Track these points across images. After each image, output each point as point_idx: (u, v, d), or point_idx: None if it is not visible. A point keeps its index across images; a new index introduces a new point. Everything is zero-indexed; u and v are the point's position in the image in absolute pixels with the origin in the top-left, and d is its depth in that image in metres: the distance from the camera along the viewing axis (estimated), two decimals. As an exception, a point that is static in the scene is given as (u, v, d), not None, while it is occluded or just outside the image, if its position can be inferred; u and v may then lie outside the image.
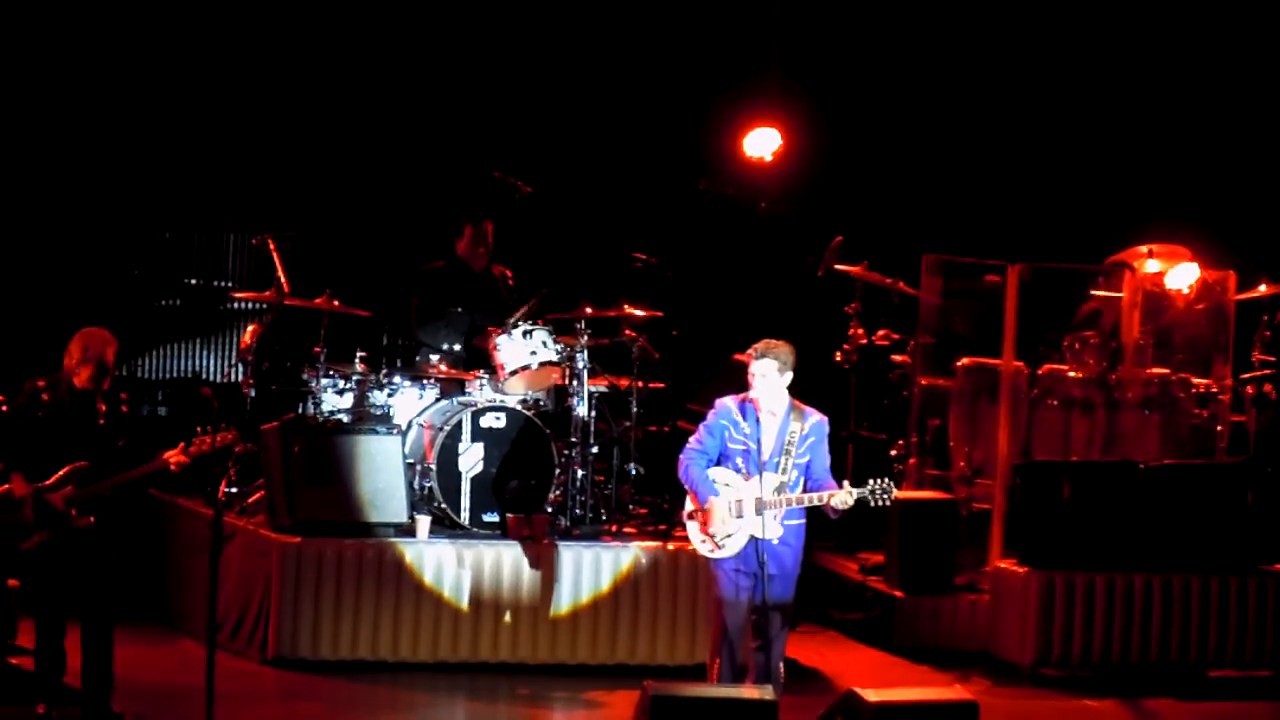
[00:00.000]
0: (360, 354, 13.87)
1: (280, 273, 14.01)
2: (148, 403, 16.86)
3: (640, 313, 13.95)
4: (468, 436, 13.41)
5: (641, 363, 13.93)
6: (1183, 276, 14.99)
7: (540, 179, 14.66)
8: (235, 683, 12.01)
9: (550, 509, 13.44)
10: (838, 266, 15.30)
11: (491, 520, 13.37)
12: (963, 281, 14.88)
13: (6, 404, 11.13)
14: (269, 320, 14.18)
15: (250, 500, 13.68)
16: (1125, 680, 13.47)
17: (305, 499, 13.11)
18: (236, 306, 16.97)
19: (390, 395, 13.77)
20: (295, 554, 12.87)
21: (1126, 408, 14.76)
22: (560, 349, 13.59)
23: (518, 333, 13.54)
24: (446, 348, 14.06)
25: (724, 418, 11.14)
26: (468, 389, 13.77)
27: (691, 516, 11.17)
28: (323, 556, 12.89)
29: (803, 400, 11.22)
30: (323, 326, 13.77)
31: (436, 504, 13.36)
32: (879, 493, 11.00)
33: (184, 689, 11.65)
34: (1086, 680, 13.51)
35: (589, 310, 13.70)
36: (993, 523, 14.39)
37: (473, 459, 13.41)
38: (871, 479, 11.04)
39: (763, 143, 16.10)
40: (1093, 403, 14.77)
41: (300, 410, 13.81)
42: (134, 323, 16.54)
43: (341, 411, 13.67)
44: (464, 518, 13.35)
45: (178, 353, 17.08)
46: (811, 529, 11.28)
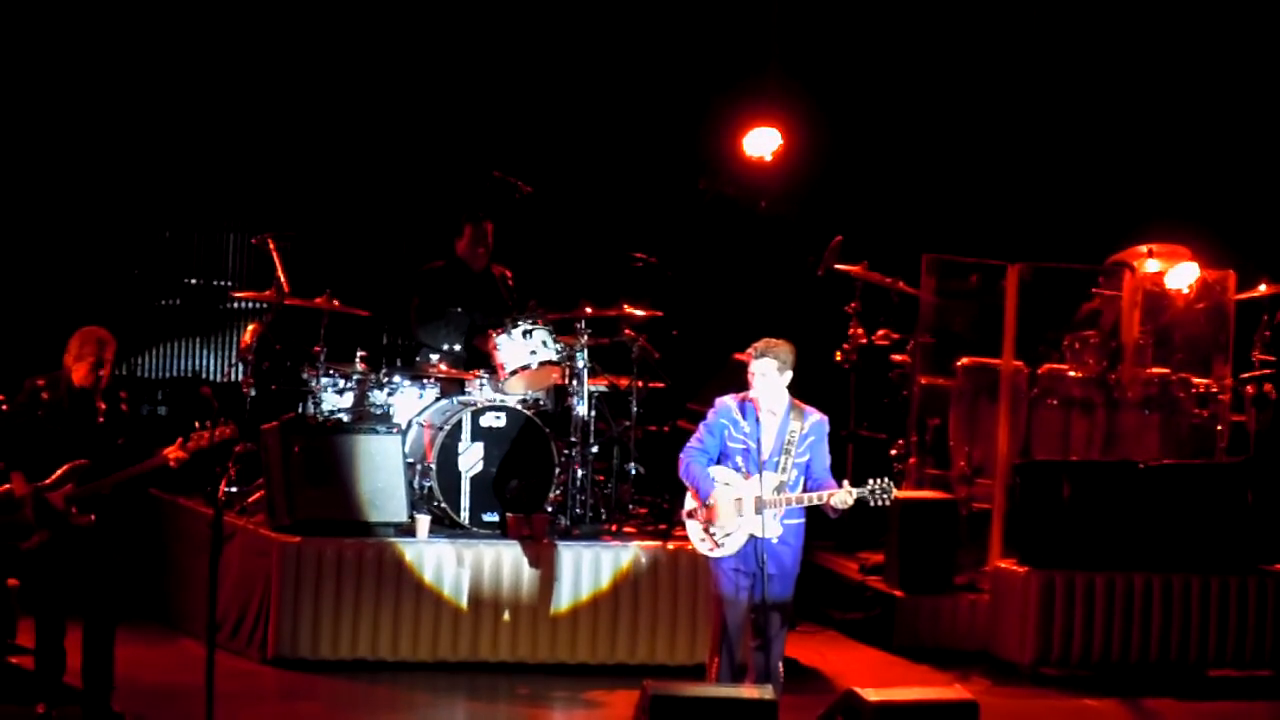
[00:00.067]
0: (360, 353, 13.86)
1: (280, 272, 14.01)
2: (148, 402, 16.86)
3: (640, 312, 13.95)
4: (468, 436, 13.41)
5: (641, 362, 13.92)
6: (1183, 276, 14.98)
7: (540, 179, 14.65)
8: (235, 682, 12.00)
9: (550, 508, 13.43)
10: (837, 266, 15.29)
11: (491, 520, 13.37)
12: (962, 281, 14.89)
13: (6, 403, 11.12)
14: (269, 320, 14.17)
15: (250, 500, 13.68)
16: (1125, 680, 13.47)
17: (305, 498, 13.11)
18: (236, 306, 16.97)
19: (390, 395, 13.76)
20: (295, 553, 12.87)
21: (1126, 407, 14.76)
22: (560, 349, 13.59)
23: (517, 332, 13.53)
24: (446, 347, 14.06)
25: (724, 417, 11.14)
26: (468, 388, 13.77)
27: (691, 515, 11.16)
28: (322, 556, 12.89)
29: (802, 400, 11.21)
30: (323, 326, 13.77)
31: (436, 503, 13.35)
32: (879, 492, 10.99)
33: (184, 688, 11.65)
34: (1086, 680, 13.50)
35: (589, 310, 13.69)
36: (992, 522, 14.38)
37: (473, 458, 13.41)
38: (871, 479, 11.03)
39: (763, 142, 16.10)
40: (1092, 402, 14.77)
41: (300, 410, 13.80)
42: (134, 322, 16.55)
43: (341, 411, 13.67)
44: (464, 517, 13.35)
45: (178, 352, 17.09)
46: (811, 528, 11.27)
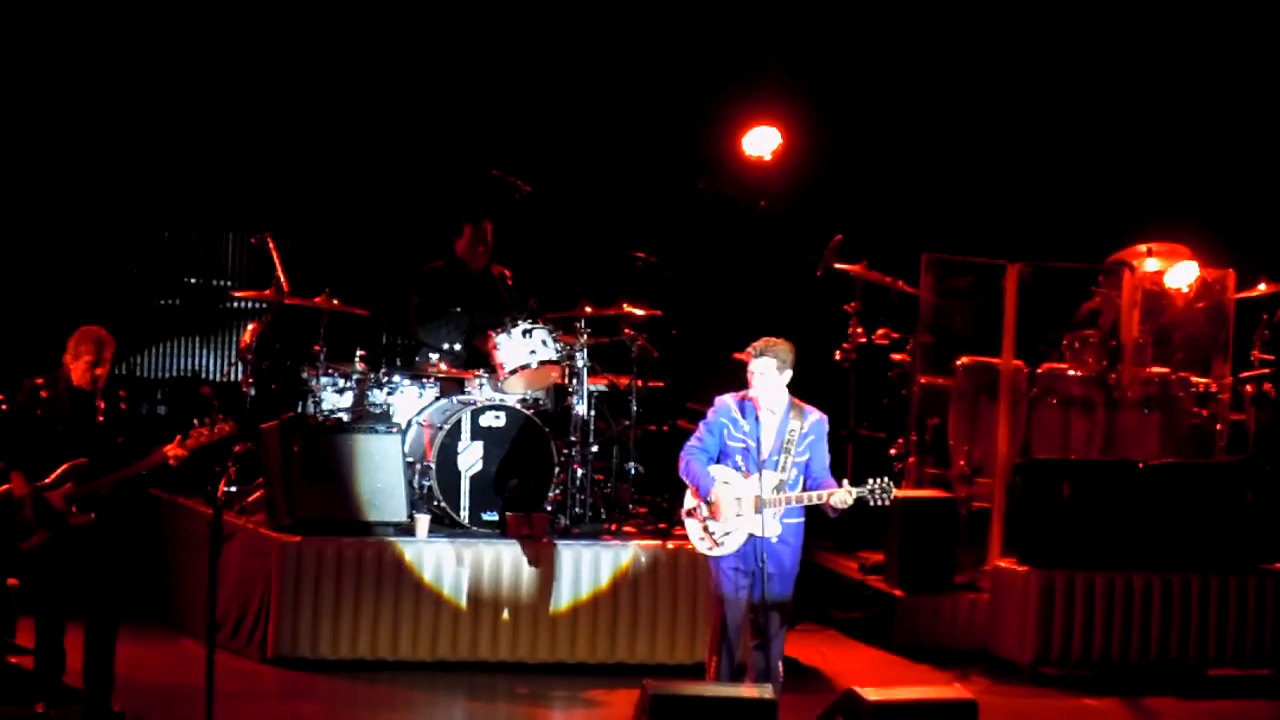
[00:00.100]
0: (360, 353, 13.86)
1: (280, 272, 14.01)
2: (147, 402, 16.86)
3: (640, 312, 13.95)
4: (467, 435, 13.41)
5: (641, 361, 13.92)
6: (1182, 275, 14.98)
7: (540, 178, 14.65)
8: (235, 682, 12.01)
9: (550, 508, 13.43)
10: (837, 265, 15.29)
11: (491, 519, 13.37)
12: (962, 280, 14.88)
13: (5, 403, 11.12)
14: (268, 319, 14.16)
15: (250, 499, 13.68)
16: (1125, 679, 13.47)
17: (305, 498, 13.11)
18: (236, 305, 16.97)
19: (390, 394, 13.76)
20: (295, 553, 12.87)
21: (1126, 406, 14.75)
22: (560, 348, 13.59)
23: (517, 332, 13.53)
24: (446, 347, 14.06)
25: (723, 415, 11.13)
26: (467, 388, 13.77)
27: (690, 514, 11.16)
28: (322, 555, 12.89)
29: (802, 399, 11.21)
30: (322, 325, 13.77)
31: (436, 503, 13.35)
32: (878, 492, 10.99)
33: (184, 688, 11.65)
34: (1086, 679, 13.50)
35: (588, 309, 13.69)
36: (992, 521, 14.38)
37: (472, 458, 13.41)
38: (871, 478, 11.03)
39: (762, 141, 16.09)
40: (1092, 401, 14.77)
41: (300, 409, 13.80)
42: (133, 321, 16.56)
43: (341, 410, 13.66)
44: (463, 516, 13.35)
45: (177, 351, 17.09)
46: (810, 527, 11.27)
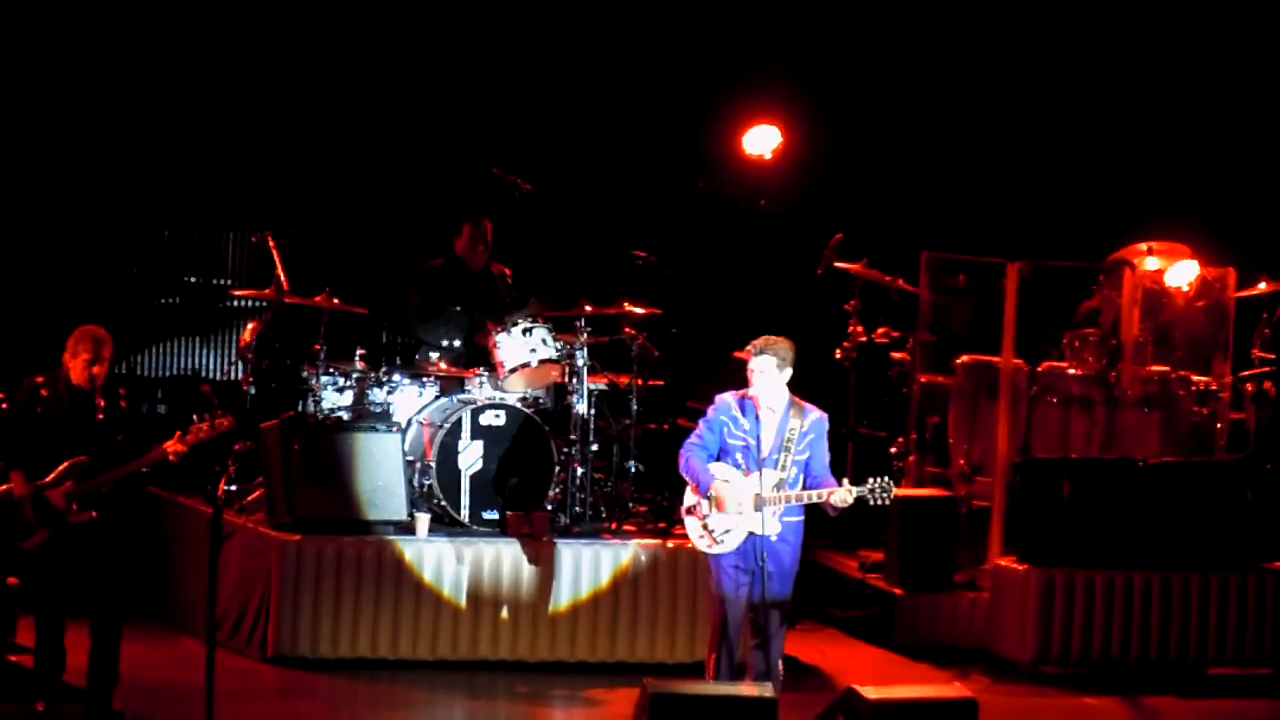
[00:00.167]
0: (360, 352, 13.86)
1: (280, 270, 14.01)
2: (147, 400, 16.86)
3: (640, 310, 13.94)
4: (467, 434, 13.41)
5: (641, 360, 13.92)
6: (1182, 274, 14.98)
7: (539, 177, 14.64)
8: (235, 681, 12.00)
9: (550, 506, 13.43)
10: (837, 264, 15.29)
11: (491, 518, 13.37)
12: (962, 279, 14.88)
13: (5, 401, 11.12)
14: (268, 318, 14.15)
15: (250, 498, 13.68)
16: (1125, 678, 13.47)
17: (305, 497, 13.11)
18: (236, 304, 16.97)
19: (390, 393, 13.76)
20: (295, 552, 12.87)
21: (1126, 405, 14.75)
22: (560, 346, 13.58)
23: (517, 330, 13.53)
24: (446, 345, 14.06)
25: (724, 414, 11.13)
26: (467, 387, 13.76)
27: (690, 511, 11.15)
28: (322, 554, 12.89)
29: (802, 397, 11.21)
30: (322, 324, 13.77)
31: (436, 501, 13.35)
32: (878, 491, 10.98)
33: (184, 687, 11.65)
34: (1086, 678, 13.50)
35: (588, 308, 13.69)
36: (992, 520, 14.39)
37: (472, 456, 13.41)
38: (871, 477, 11.02)
39: (762, 140, 16.08)
40: (1092, 400, 14.77)
41: (300, 408, 13.80)
42: (133, 320, 16.56)
43: (341, 409, 13.67)
44: (464, 515, 13.35)
45: (177, 350, 17.09)
46: (810, 526, 11.27)
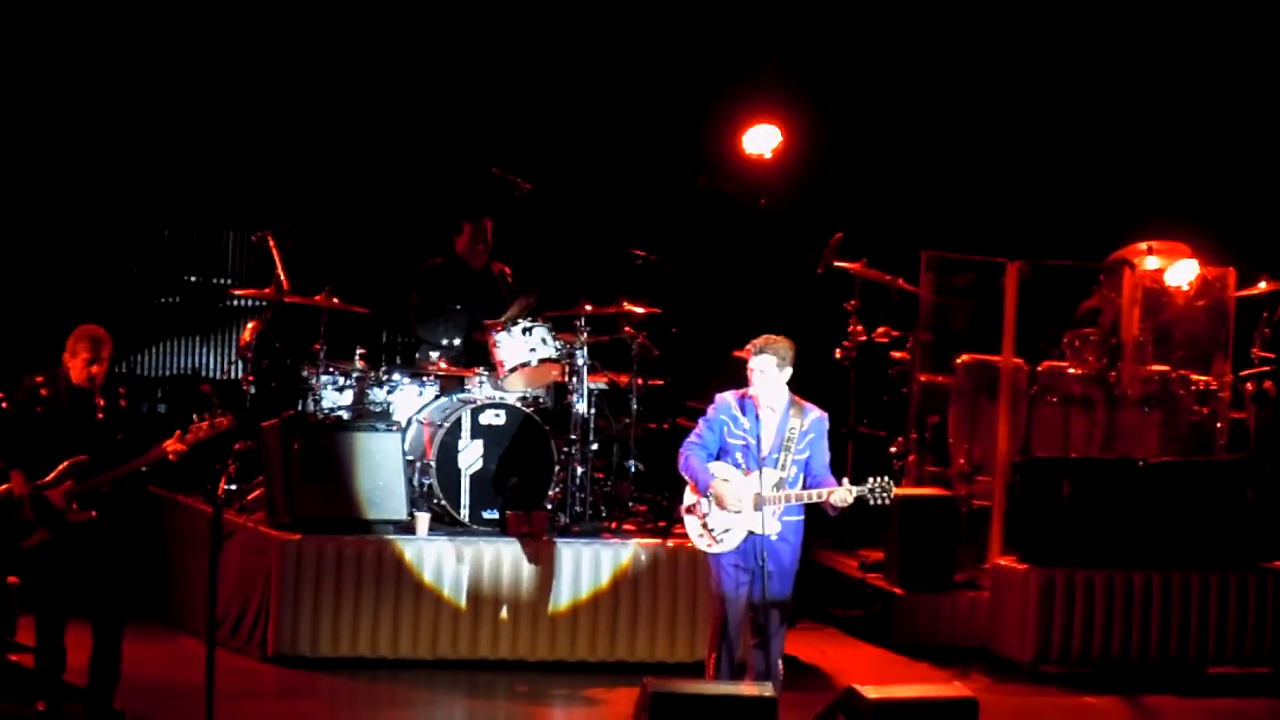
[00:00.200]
0: (360, 351, 13.86)
1: (280, 270, 14.01)
2: (147, 400, 16.86)
3: (640, 310, 13.95)
4: (467, 433, 13.40)
5: (641, 360, 13.92)
6: (1182, 273, 14.98)
7: (539, 176, 14.64)
8: (235, 680, 12.01)
9: (550, 506, 13.43)
10: (837, 263, 15.29)
11: (491, 517, 13.36)
12: (962, 278, 14.88)
13: (5, 401, 11.12)
14: (269, 317, 14.15)
15: (250, 497, 13.68)
16: (1125, 677, 13.47)
17: (305, 496, 13.11)
18: (236, 303, 16.97)
19: (390, 392, 13.76)
20: (295, 551, 12.87)
21: (1126, 405, 14.75)
22: (560, 346, 13.58)
23: (517, 330, 13.52)
24: (446, 344, 14.06)
25: (723, 413, 11.13)
26: (467, 386, 13.76)
27: (690, 510, 11.15)
28: (322, 553, 12.89)
29: (802, 397, 11.20)
30: (322, 323, 13.76)
31: (436, 501, 13.35)
32: (878, 491, 10.97)
33: (184, 686, 11.65)
34: (1086, 677, 13.50)
35: (588, 307, 13.69)
36: (992, 520, 14.39)
37: (472, 456, 13.41)
38: (871, 477, 11.01)
39: (762, 139, 16.09)
40: (1092, 399, 14.77)
41: (300, 407, 13.79)
42: (134, 320, 16.57)
43: (341, 408, 13.66)
44: (463, 515, 13.35)
45: (177, 350, 17.09)
46: (810, 525, 11.26)
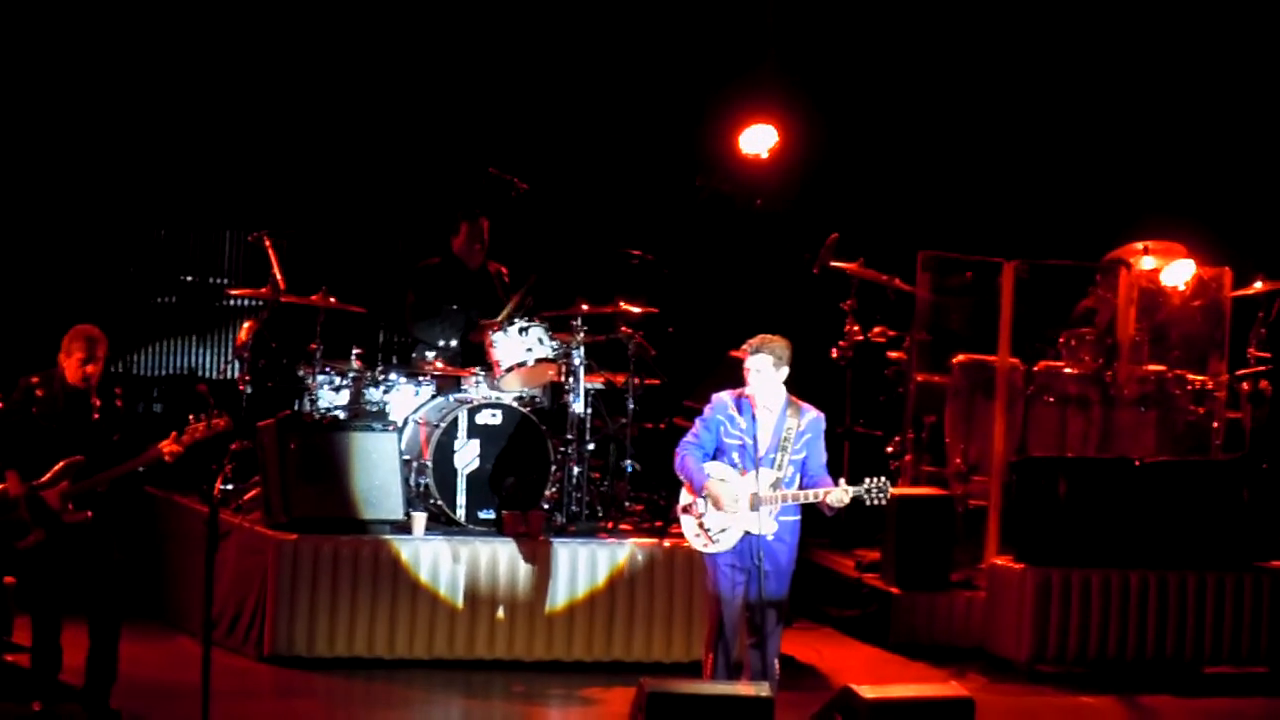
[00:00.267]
0: (356, 351, 13.85)
1: (276, 269, 14.01)
2: (143, 399, 16.85)
3: (636, 309, 13.96)
4: (464, 433, 13.40)
5: (638, 359, 13.92)
6: (1179, 273, 14.99)
7: (536, 176, 14.65)
8: (231, 680, 12.00)
9: (546, 506, 13.43)
10: (833, 263, 15.29)
11: (487, 517, 13.36)
12: (958, 278, 14.88)
13: (1, 401, 11.12)
14: (265, 317, 14.15)
15: (246, 497, 13.67)
16: (1121, 677, 13.47)
17: (301, 496, 13.11)
18: (232, 303, 16.96)
19: (386, 392, 13.76)
20: (291, 551, 12.86)
21: (1122, 404, 14.76)
22: (556, 346, 13.58)
23: (513, 329, 13.52)
24: (442, 344, 14.06)
25: (720, 412, 11.12)
26: (464, 386, 13.76)
27: (686, 510, 11.15)
28: (319, 553, 12.89)
29: (799, 397, 11.20)
30: (319, 323, 13.76)
31: (432, 501, 13.35)
32: (875, 491, 10.96)
33: (180, 686, 11.65)
34: (1082, 677, 13.50)
35: (585, 307, 13.69)
36: (989, 519, 14.38)
37: (469, 456, 13.41)
38: (868, 477, 11.00)
39: (759, 139, 16.10)
40: (1089, 399, 14.77)
41: (296, 407, 13.79)
42: (130, 319, 16.55)
43: (337, 408, 13.66)
44: (460, 514, 13.34)
45: (173, 349, 17.08)
46: (807, 525, 11.26)
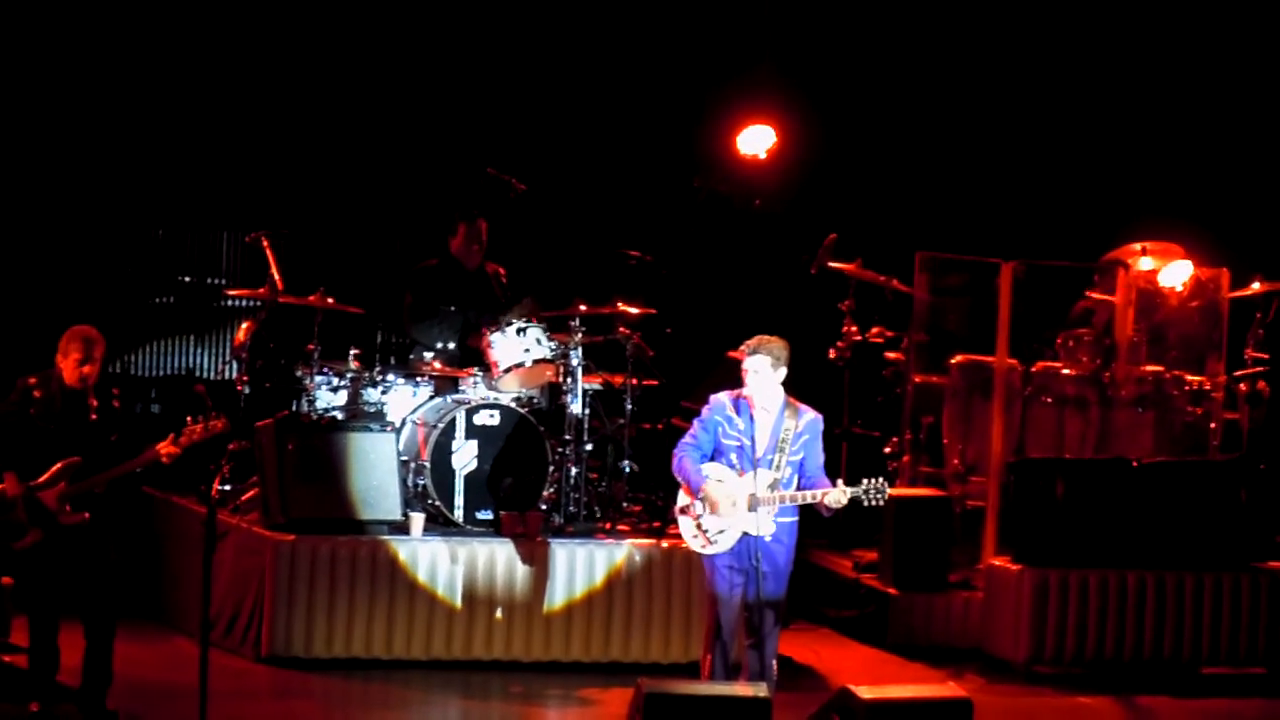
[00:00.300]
0: (354, 351, 13.85)
1: (274, 270, 14.01)
2: (141, 400, 16.85)
3: (634, 310, 13.96)
4: (461, 434, 13.40)
5: (635, 360, 13.92)
6: (1176, 274, 14.99)
7: (534, 176, 14.65)
8: (229, 681, 12.00)
9: (544, 506, 13.43)
10: (831, 264, 15.30)
11: (485, 518, 13.36)
12: (956, 279, 14.89)
13: (-1, 402, 11.14)
14: (263, 317, 14.16)
15: (244, 498, 13.67)
16: (1119, 677, 13.47)
17: (299, 496, 13.10)
18: (230, 304, 16.97)
19: (384, 392, 13.76)
20: (289, 551, 12.86)
21: (1120, 405, 14.76)
22: (554, 346, 13.58)
23: (511, 330, 13.52)
24: (440, 345, 14.06)
25: (718, 413, 11.12)
26: (461, 386, 13.76)
27: (684, 511, 11.15)
28: (316, 554, 12.89)
29: (796, 397, 11.20)
30: (316, 324, 13.76)
31: (430, 501, 13.35)
32: (873, 492, 10.96)
33: (178, 687, 11.64)
34: (1080, 677, 13.50)
35: (583, 307, 13.70)
36: (986, 520, 14.38)
37: (466, 456, 13.41)
38: (866, 478, 11.00)
39: (757, 140, 16.09)
40: (1086, 400, 14.78)
41: (294, 407, 13.79)
42: (128, 320, 16.56)
43: (335, 409, 13.66)
44: (458, 515, 13.34)
45: (171, 350, 17.09)
46: (805, 526, 11.26)
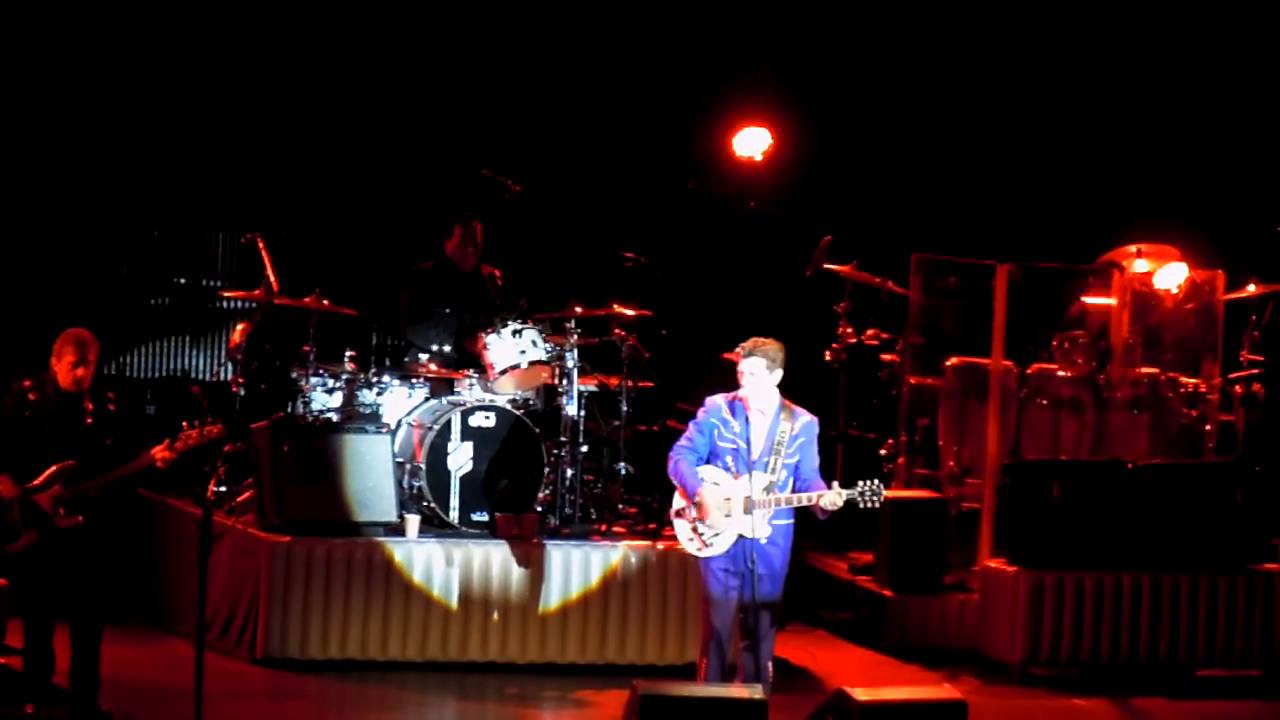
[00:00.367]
0: (349, 353, 13.85)
1: (269, 271, 14.00)
2: (136, 402, 16.83)
3: (630, 312, 13.96)
4: (457, 436, 13.40)
5: (631, 362, 13.91)
6: (1171, 276, 15.00)
7: (530, 178, 14.64)
8: (224, 682, 12.00)
9: (539, 508, 13.43)
10: (827, 266, 15.30)
11: (481, 519, 13.36)
12: (952, 281, 14.89)
13: (-5, 404, 11.12)
14: (258, 319, 14.16)
15: (239, 499, 13.67)
16: (1114, 679, 13.48)
17: (294, 498, 13.10)
18: (225, 305, 16.96)
19: (379, 394, 13.76)
20: (284, 553, 12.86)
21: (1115, 407, 14.77)
22: (550, 348, 13.58)
23: (507, 332, 13.52)
24: (435, 348, 14.05)
25: (714, 416, 11.13)
26: (457, 388, 13.76)
27: (680, 514, 11.15)
28: (312, 556, 12.88)
29: (792, 399, 11.21)
30: (312, 325, 13.76)
31: (426, 503, 13.34)
32: (869, 494, 10.97)
33: (173, 688, 11.63)
34: (1075, 679, 13.51)
35: (578, 309, 13.70)
36: (982, 522, 14.39)
37: (462, 458, 13.41)
38: (861, 480, 11.00)
39: (752, 142, 16.10)
40: (1082, 402, 14.78)
41: (289, 409, 13.79)
42: (123, 321, 16.55)
43: (331, 410, 13.65)
44: (453, 517, 13.34)
45: (166, 351, 17.08)
46: (800, 528, 11.26)
